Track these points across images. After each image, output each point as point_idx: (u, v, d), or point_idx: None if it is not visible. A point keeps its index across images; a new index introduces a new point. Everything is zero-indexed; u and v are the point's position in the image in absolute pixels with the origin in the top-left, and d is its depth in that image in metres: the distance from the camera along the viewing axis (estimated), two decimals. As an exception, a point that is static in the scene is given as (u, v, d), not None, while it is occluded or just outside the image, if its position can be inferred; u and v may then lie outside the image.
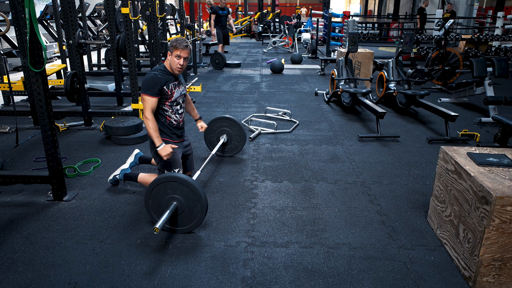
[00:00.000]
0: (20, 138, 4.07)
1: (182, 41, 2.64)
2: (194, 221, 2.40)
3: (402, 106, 5.35)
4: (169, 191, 2.36)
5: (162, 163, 2.76)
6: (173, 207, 2.33)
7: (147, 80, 2.60)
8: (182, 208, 2.37)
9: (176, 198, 2.36)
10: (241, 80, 7.81)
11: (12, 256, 2.21)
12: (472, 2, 14.54)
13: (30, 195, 2.91)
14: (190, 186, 2.32)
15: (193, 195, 2.33)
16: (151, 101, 2.59)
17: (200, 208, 2.35)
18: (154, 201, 2.40)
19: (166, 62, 2.72)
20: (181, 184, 2.33)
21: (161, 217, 2.23)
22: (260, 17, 17.39)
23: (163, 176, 2.38)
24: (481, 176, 2.02)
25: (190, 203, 2.35)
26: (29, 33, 2.41)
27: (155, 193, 2.38)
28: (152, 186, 2.37)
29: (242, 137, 3.62)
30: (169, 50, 2.68)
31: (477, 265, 1.97)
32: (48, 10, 7.98)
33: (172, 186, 2.34)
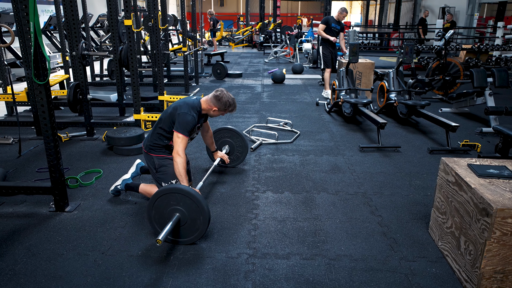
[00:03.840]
0: (23, 149, 4.09)
1: (235, 107, 2.86)
2: (196, 232, 2.40)
3: (403, 116, 5.37)
4: (172, 203, 2.36)
5: (158, 176, 2.81)
6: (175, 219, 2.33)
7: (187, 122, 2.65)
8: (184, 219, 2.37)
9: (178, 210, 2.36)
10: (242, 90, 7.85)
11: (14, 268, 2.21)
12: (472, 12, 14.66)
13: (32, 206, 2.92)
14: (193, 198, 2.32)
15: (196, 206, 2.33)
16: (186, 141, 2.66)
17: (202, 219, 2.35)
18: (157, 212, 2.40)
19: (204, 103, 2.82)
20: (184, 196, 2.33)
21: (163, 229, 2.23)
22: (261, 27, 17.54)
23: (166, 187, 2.39)
24: (482, 188, 2.03)
25: (192, 215, 2.35)
26: (34, 46, 2.45)
27: (158, 204, 2.38)
28: (154, 198, 2.38)
29: (244, 147, 3.63)
30: (218, 104, 2.79)
31: (479, 277, 1.97)
32: (51, 21, 8.09)
33: (175, 197, 2.34)
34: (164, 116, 2.81)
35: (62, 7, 4.30)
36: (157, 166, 2.83)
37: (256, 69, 10.88)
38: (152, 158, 2.84)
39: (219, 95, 2.82)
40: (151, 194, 2.93)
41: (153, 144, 2.82)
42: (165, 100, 5.68)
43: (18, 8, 2.48)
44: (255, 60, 13.06)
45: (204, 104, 2.83)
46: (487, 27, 14.63)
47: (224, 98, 2.81)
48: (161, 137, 2.80)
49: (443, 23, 12.60)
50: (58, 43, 7.38)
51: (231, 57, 13.62)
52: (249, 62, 12.50)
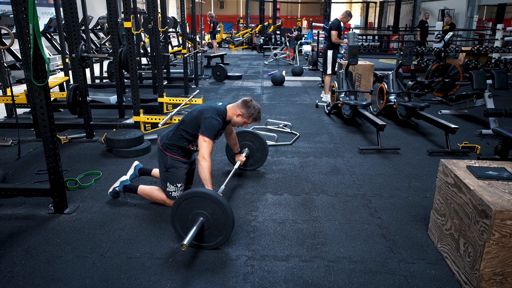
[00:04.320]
0: (22, 151, 4.09)
1: (260, 117, 2.87)
2: (220, 237, 2.36)
3: (403, 118, 5.37)
4: (196, 207, 2.32)
5: (166, 175, 2.82)
6: (200, 223, 2.30)
7: (213, 126, 2.67)
8: (208, 224, 2.33)
9: (202, 214, 2.32)
10: (242, 92, 7.86)
11: (12, 270, 2.21)
12: (471, 14, 14.68)
13: (31, 208, 2.92)
14: (218, 202, 2.28)
15: (220, 211, 2.29)
16: (211, 144, 2.67)
17: (227, 224, 2.31)
18: (180, 216, 2.36)
19: (230, 111, 2.82)
20: (208, 200, 2.29)
21: (188, 233, 2.19)
22: (261, 29, 17.56)
23: (191, 191, 2.34)
24: (481, 190, 2.03)
25: (217, 219, 2.31)
26: (33, 48, 2.45)
27: (182, 208, 2.33)
28: (179, 201, 2.33)
29: (264, 150, 3.59)
30: (245, 110, 2.80)
31: (478, 279, 1.96)
32: (51, 23, 8.10)
33: (199, 201, 2.31)
34: (188, 118, 2.81)
35: (62, 9, 4.30)
36: (169, 166, 2.84)
37: (256, 71, 10.89)
38: (166, 157, 2.85)
39: (247, 101, 2.84)
40: (150, 195, 2.94)
41: (171, 144, 2.83)
42: (164, 102, 5.68)
43: (17, 10, 2.48)
44: (255, 62, 13.07)
45: (230, 110, 2.84)
46: (487, 29, 14.65)
47: (252, 105, 2.83)
48: (182, 139, 2.82)
49: (442, 25, 12.62)
50: (58, 45, 7.39)
51: (230, 59, 13.64)
52: (249, 64, 12.51)
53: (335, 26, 6.55)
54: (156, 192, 2.95)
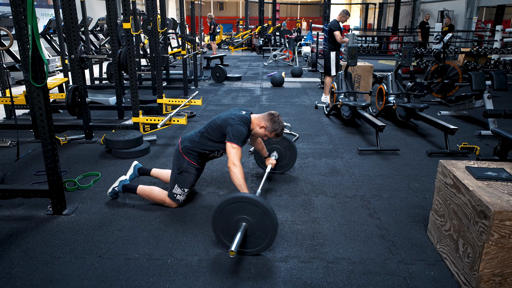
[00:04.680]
0: (21, 152, 4.09)
1: (281, 134, 2.90)
2: (264, 242, 2.30)
3: (402, 119, 5.37)
4: (239, 212, 2.28)
5: (178, 177, 2.85)
6: (243, 228, 2.25)
7: (240, 133, 2.69)
8: (251, 229, 2.29)
9: (245, 219, 2.27)
10: (241, 93, 7.86)
11: (10, 271, 2.20)
12: (471, 16, 14.71)
13: (30, 209, 2.91)
14: (261, 207, 2.23)
15: (264, 216, 2.24)
16: (240, 151, 2.68)
17: (271, 229, 2.26)
18: (222, 222, 2.32)
19: (255, 121, 2.83)
20: (251, 205, 2.25)
21: (234, 239, 2.16)
22: (260, 30, 17.58)
23: (233, 196, 2.29)
24: (480, 191, 2.03)
25: (260, 224, 2.27)
26: (31, 48, 2.45)
27: (224, 213, 2.30)
28: (221, 207, 2.29)
29: (293, 153, 3.55)
30: (270, 123, 2.81)
31: (477, 280, 1.96)
32: (51, 24, 8.10)
33: (242, 206, 2.26)
34: (211, 127, 2.83)
35: (62, 10, 4.31)
36: (183, 170, 2.86)
37: (255, 72, 10.90)
38: (183, 160, 2.86)
39: (274, 115, 2.85)
40: (150, 195, 2.94)
41: (193, 149, 2.85)
42: (164, 103, 5.68)
43: (16, 11, 2.48)
44: (254, 64, 13.08)
45: (254, 120, 2.85)
46: (486, 30, 14.68)
47: (278, 120, 2.84)
48: (205, 146, 2.84)
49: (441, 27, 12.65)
50: (58, 47, 7.39)
51: (230, 61, 13.65)
52: (248, 66, 12.52)
53: (336, 27, 6.52)
54: (155, 192, 2.95)
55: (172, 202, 2.92)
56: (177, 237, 2.57)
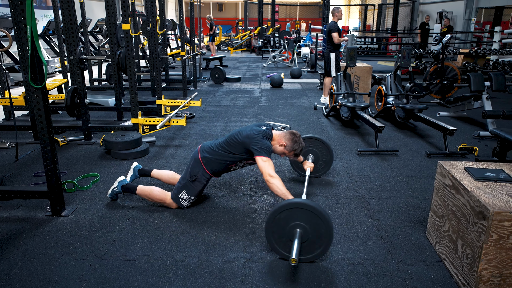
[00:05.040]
0: (20, 153, 4.08)
1: (301, 153, 2.89)
2: (319, 249, 2.26)
3: (401, 120, 5.38)
4: (292, 218, 2.23)
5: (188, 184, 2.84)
6: (299, 235, 2.20)
7: (268, 145, 2.71)
8: (306, 235, 2.23)
9: (300, 226, 2.23)
10: (240, 94, 7.87)
11: (9, 272, 2.19)
12: (469, 17, 14.75)
13: (29, 210, 2.91)
14: (317, 213, 2.19)
15: (320, 222, 2.20)
16: (271, 162, 2.68)
17: (326, 235, 2.22)
18: (275, 229, 2.27)
19: (276, 137, 2.83)
20: (306, 211, 2.20)
21: (293, 247, 2.11)
22: (260, 32, 17.59)
23: (287, 202, 2.24)
24: (479, 191, 2.03)
25: (315, 231, 2.22)
26: (30, 49, 2.45)
27: (278, 220, 2.25)
28: (275, 213, 2.24)
29: (330, 156, 3.47)
30: (291, 143, 2.80)
31: (476, 281, 1.96)
32: (50, 25, 8.11)
33: (295, 213, 2.22)
34: (232, 141, 2.81)
35: (61, 12, 4.31)
36: (196, 178, 2.85)
37: (255, 74, 10.90)
38: (199, 169, 2.86)
39: (295, 135, 2.84)
40: (150, 195, 2.93)
41: (213, 160, 2.84)
42: (163, 104, 5.68)
43: (15, 13, 2.48)
44: (254, 65, 13.09)
45: (275, 136, 2.84)
46: (485, 31, 14.71)
47: (299, 141, 2.83)
48: (226, 158, 2.83)
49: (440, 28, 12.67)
50: (57, 48, 7.40)
51: (229, 62, 13.66)
52: (248, 67, 12.53)
53: (334, 27, 6.54)
54: (155, 192, 2.94)
55: (172, 203, 2.91)
56: (176, 238, 2.57)
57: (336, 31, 6.50)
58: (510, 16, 15.65)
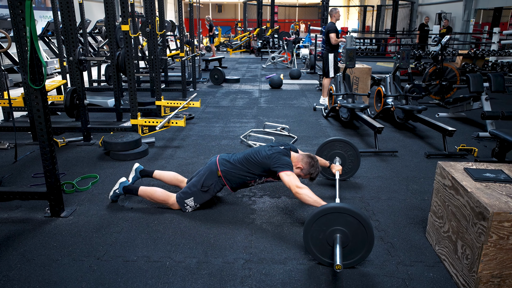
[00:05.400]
0: (19, 154, 4.07)
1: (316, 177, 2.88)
2: (359, 254, 2.23)
3: (400, 121, 5.38)
4: (332, 223, 2.20)
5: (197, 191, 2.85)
6: (340, 240, 2.17)
7: (287, 161, 2.74)
8: (346, 240, 2.20)
9: (340, 230, 2.19)
10: (240, 95, 7.87)
11: (7, 274, 2.19)
12: (468, 18, 14.77)
13: (28, 211, 2.90)
14: (358, 217, 2.16)
15: (361, 226, 2.17)
16: (295, 175, 2.69)
17: (367, 240, 2.19)
18: (314, 234, 2.25)
19: (295, 157, 2.87)
20: (347, 215, 2.17)
21: (335, 253, 2.09)
22: (259, 33, 17.61)
23: (327, 207, 2.22)
24: (478, 192, 2.03)
25: (355, 235, 2.19)
26: (30, 50, 2.45)
27: (317, 225, 2.22)
28: (314, 218, 2.21)
29: (356, 157, 3.41)
30: (307, 167, 2.81)
31: (476, 281, 1.96)
32: (49, 26, 8.11)
33: (335, 218, 2.19)
34: (250, 160, 2.84)
35: (60, 13, 4.30)
36: (208, 188, 2.87)
37: (254, 75, 10.91)
38: (214, 180, 2.87)
39: (313, 159, 2.86)
40: (152, 196, 2.93)
41: (233, 174, 2.85)
42: (162, 105, 5.68)
43: (15, 14, 2.48)
44: (253, 66, 13.09)
45: (293, 158, 2.86)
46: (483, 32, 14.74)
47: (316, 166, 2.85)
48: (246, 174, 2.85)
49: (439, 29, 12.69)
50: (56, 49, 7.40)
51: (228, 63, 13.66)
52: (247, 68, 12.53)
53: (332, 28, 6.55)
54: (158, 193, 2.94)
55: (175, 204, 2.91)
56: (176, 239, 2.57)
57: (334, 32, 6.52)
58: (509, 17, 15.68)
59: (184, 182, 3.19)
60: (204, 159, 4.09)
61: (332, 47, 6.66)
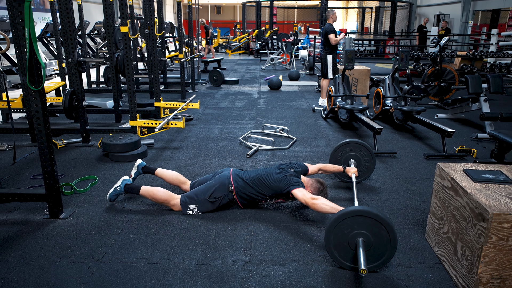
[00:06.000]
0: (18, 155, 4.07)
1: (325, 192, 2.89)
2: (381, 259, 2.21)
3: (399, 122, 5.38)
4: (354, 227, 2.18)
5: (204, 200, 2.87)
6: (362, 244, 2.15)
7: (298, 181, 2.78)
8: (369, 244, 2.18)
9: (362, 234, 2.18)
10: (239, 96, 7.87)
11: (6, 276, 2.18)
12: (466, 20, 14.80)
13: (26, 213, 2.89)
14: (381, 221, 2.14)
15: (384, 230, 2.15)
16: (304, 189, 2.73)
17: (390, 244, 2.17)
18: (335, 237, 2.22)
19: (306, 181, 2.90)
20: (369, 219, 2.16)
21: (359, 257, 2.06)
22: (258, 34, 17.62)
23: (349, 210, 2.19)
24: (478, 193, 2.03)
25: (378, 239, 2.18)
26: (29, 52, 2.44)
27: (339, 228, 2.20)
28: (336, 222, 2.19)
29: (372, 158, 3.38)
30: (316, 192, 2.84)
31: (476, 283, 1.96)
32: (48, 28, 8.10)
33: (358, 221, 2.17)
34: (264, 181, 2.86)
35: (59, 14, 4.30)
36: (216, 200, 2.87)
37: (253, 76, 10.91)
38: (227, 195, 2.88)
39: (322, 185, 2.92)
40: (154, 195, 2.92)
41: (246, 192, 2.88)
42: (161, 106, 5.67)
43: (13, 15, 2.48)
44: (252, 67, 13.10)
45: (304, 182, 2.89)
46: (482, 34, 14.78)
47: (324, 192, 2.90)
48: (258, 194, 2.87)
49: (438, 30, 12.73)
50: (55, 50, 7.39)
51: (227, 64, 13.67)
52: (246, 69, 12.54)
53: (330, 29, 6.56)
54: (160, 193, 2.93)
55: (177, 205, 2.90)
56: (175, 240, 2.56)
57: (332, 32, 6.53)
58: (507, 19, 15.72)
59: (186, 183, 3.18)
60: (204, 161, 4.08)
61: (330, 48, 6.67)
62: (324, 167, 3.19)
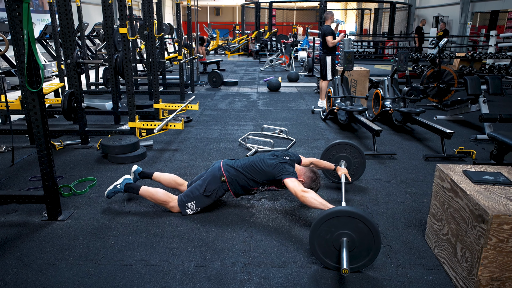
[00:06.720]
0: (16, 157, 4.05)
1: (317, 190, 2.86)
2: (365, 259, 2.22)
3: (398, 124, 5.38)
4: (338, 227, 2.19)
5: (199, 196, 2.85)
6: (346, 244, 2.15)
7: (291, 169, 2.76)
8: (353, 244, 2.19)
9: (346, 234, 2.18)
10: (238, 98, 7.86)
11: (4, 278, 2.17)
12: (465, 21, 14.82)
13: (25, 215, 2.88)
14: (365, 221, 2.15)
15: (368, 230, 2.16)
16: (298, 180, 2.70)
17: (374, 244, 2.18)
18: (320, 238, 2.23)
19: (299, 170, 2.89)
20: (352, 219, 2.16)
21: (342, 257, 2.08)
22: (257, 36, 17.63)
23: (334, 210, 2.20)
24: (477, 194, 2.02)
25: (362, 239, 2.18)
26: (27, 53, 2.43)
27: (322, 229, 2.21)
28: (320, 222, 2.20)
29: (362, 161, 3.39)
30: (309, 181, 2.85)
31: (476, 285, 1.95)
32: (47, 29, 8.08)
33: (341, 221, 2.18)
34: (257, 167, 2.83)
35: (58, 16, 4.30)
36: (211, 194, 2.86)
37: (252, 77, 10.91)
38: (220, 186, 2.87)
39: (316, 175, 2.92)
40: (153, 196, 2.91)
41: (237, 180, 2.86)
42: (160, 108, 5.66)
43: (12, 16, 2.47)
44: (251, 69, 13.10)
45: (297, 170, 2.86)
46: (480, 35, 14.80)
47: (317, 181, 2.91)
48: (250, 182, 2.85)
49: (436, 32, 12.75)
50: (54, 52, 7.38)
51: (227, 66, 13.67)
52: (245, 71, 12.54)
53: (328, 31, 6.57)
54: (160, 194, 2.92)
55: (175, 207, 2.90)
56: (174, 242, 2.55)
57: (330, 34, 6.54)
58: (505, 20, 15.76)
59: (183, 185, 3.17)
60: (203, 162, 4.08)
61: (329, 49, 6.67)
62: (316, 162, 3.17)
